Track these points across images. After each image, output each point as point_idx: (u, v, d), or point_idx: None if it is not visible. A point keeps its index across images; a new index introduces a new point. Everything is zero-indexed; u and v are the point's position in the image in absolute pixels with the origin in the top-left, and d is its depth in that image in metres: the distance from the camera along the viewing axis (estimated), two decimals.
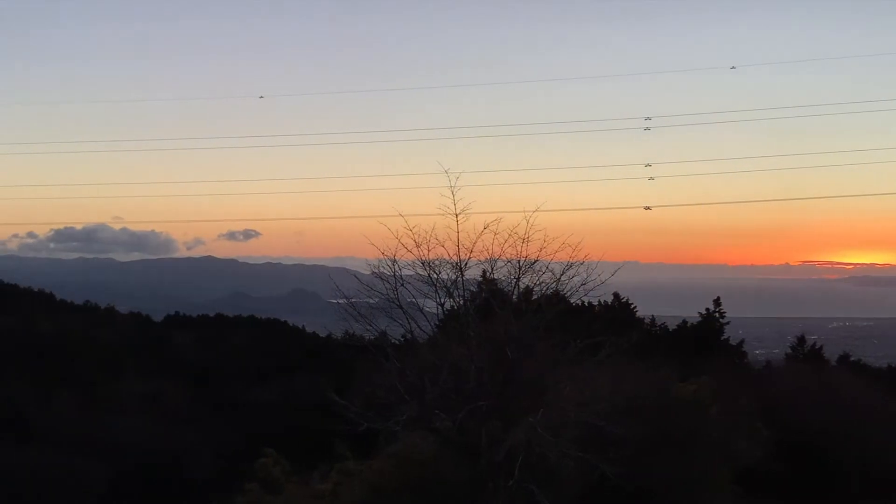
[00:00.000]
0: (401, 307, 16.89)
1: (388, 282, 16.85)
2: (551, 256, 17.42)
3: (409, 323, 17.01)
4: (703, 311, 54.53)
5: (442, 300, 17.27)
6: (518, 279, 17.23)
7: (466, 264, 17.04)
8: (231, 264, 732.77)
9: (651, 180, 62.65)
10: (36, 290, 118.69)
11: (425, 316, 17.50)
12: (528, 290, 18.01)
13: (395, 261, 16.65)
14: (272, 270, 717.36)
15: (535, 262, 17.30)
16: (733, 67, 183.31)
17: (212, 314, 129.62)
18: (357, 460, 18.81)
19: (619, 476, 16.69)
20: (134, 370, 74.24)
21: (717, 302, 54.15)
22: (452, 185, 16.72)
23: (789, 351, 58.39)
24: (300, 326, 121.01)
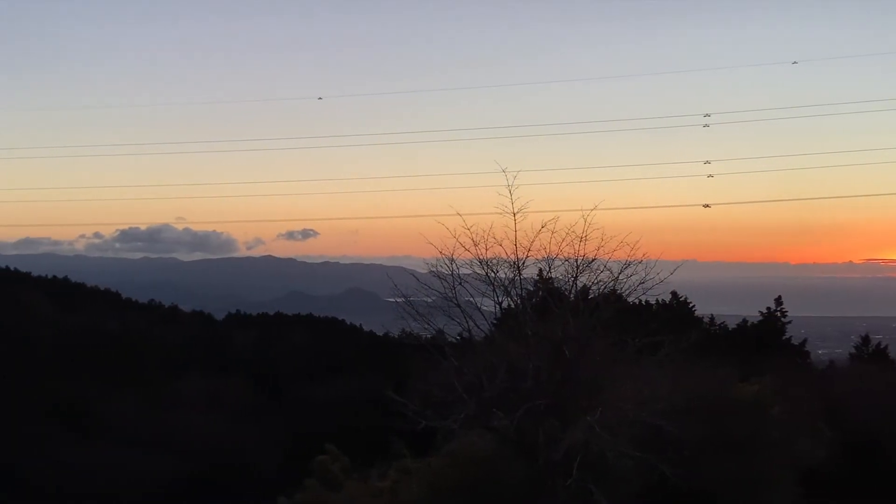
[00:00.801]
0: (458, 306, 16.87)
1: (445, 280, 16.85)
2: (609, 255, 17.28)
3: (466, 321, 16.97)
4: (764, 310, 53.57)
5: (500, 299, 17.21)
6: (576, 278, 17.09)
7: (524, 263, 16.95)
8: (289, 263, 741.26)
9: (710, 178, 61.64)
10: (102, 289, 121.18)
11: (483, 314, 17.45)
12: (585, 289, 17.86)
13: (452, 260, 16.63)
14: (330, 269, 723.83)
15: (593, 260, 17.16)
16: (795, 62, 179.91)
17: (271, 313, 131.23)
18: (414, 458, 18.85)
19: (678, 476, 16.45)
20: (196, 368, 75.56)
21: (778, 301, 53.14)
22: (510, 184, 16.65)
23: (853, 351, 56.98)
24: (357, 325, 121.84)
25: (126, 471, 48.53)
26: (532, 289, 18.59)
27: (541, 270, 18.37)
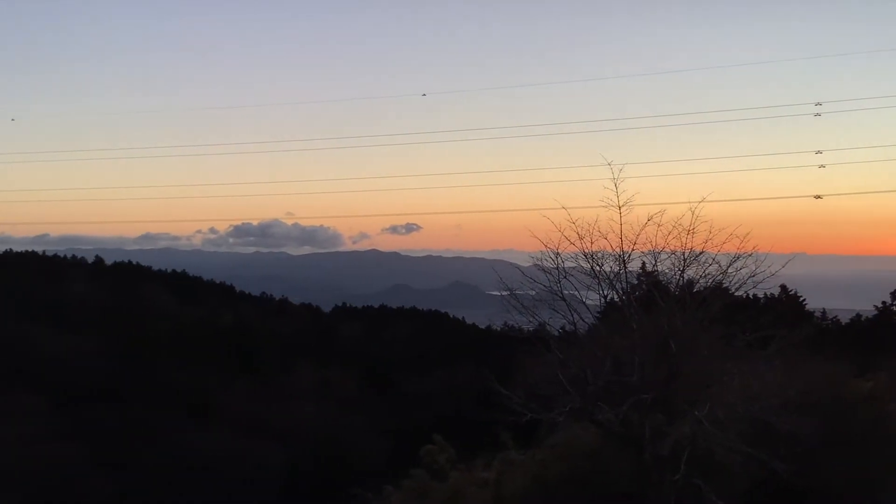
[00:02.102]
0: (563, 299, 16.70)
1: (550, 274, 16.70)
2: (718, 248, 16.76)
3: (571, 315, 16.79)
4: (879, 305, 51.24)
5: (604, 292, 16.96)
6: (683, 271, 16.68)
7: (629, 256, 16.66)
8: (393, 257, 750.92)
9: (822, 168, 59.23)
10: (217, 282, 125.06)
11: (588, 308, 17.23)
12: (691, 282, 17.41)
13: (558, 254, 16.47)
14: (433, 263, 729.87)
15: (701, 253, 16.70)
16: None
17: (375, 306, 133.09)
18: (518, 450, 18.79)
19: (789, 474, 15.89)
20: (306, 359, 77.32)
21: (894, 295, 50.78)
22: (615, 177, 16.35)
23: None
24: (460, 318, 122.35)
25: (242, 458, 50.05)
26: (636, 282, 18.24)
27: (643, 263, 18.00)
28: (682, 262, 16.66)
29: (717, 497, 14.54)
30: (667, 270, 17.19)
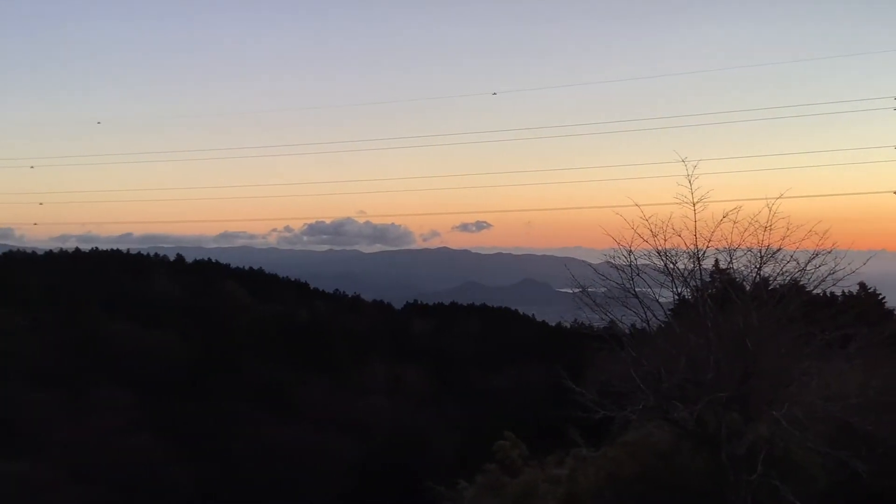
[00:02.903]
0: (636, 296, 16.47)
1: (623, 271, 16.49)
2: (795, 245, 16.29)
3: (644, 312, 16.55)
4: None
5: (678, 290, 16.67)
6: (759, 268, 16.28)
7: (704, 254, 16.34)
8: (464, 255, 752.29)
9: None
10: (292, 280, 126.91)
11: (661, 305, 16.97)
12: (766, 280, 16.98)
13: (630, 251, 16.26)
14: (503, 260, 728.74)
15: (778, 250, 16.27)
16: None
17: (446, 303, 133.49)
18: (589, 447, 18.64)
19: (869, 474, 15.39)
20: (378, 355, 78.06)
21: None
22: (690, 173, 16.04)
23: None
24: (530, 315, 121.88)
25: (318, 451, 50.80)
26: (709, 279, 17.89)
27: (717, 261, 17.63)
28: (759, 260, 16.26)
29: (795, 497, 14.17)
30: (742, 268, 16.80)
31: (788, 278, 16.66)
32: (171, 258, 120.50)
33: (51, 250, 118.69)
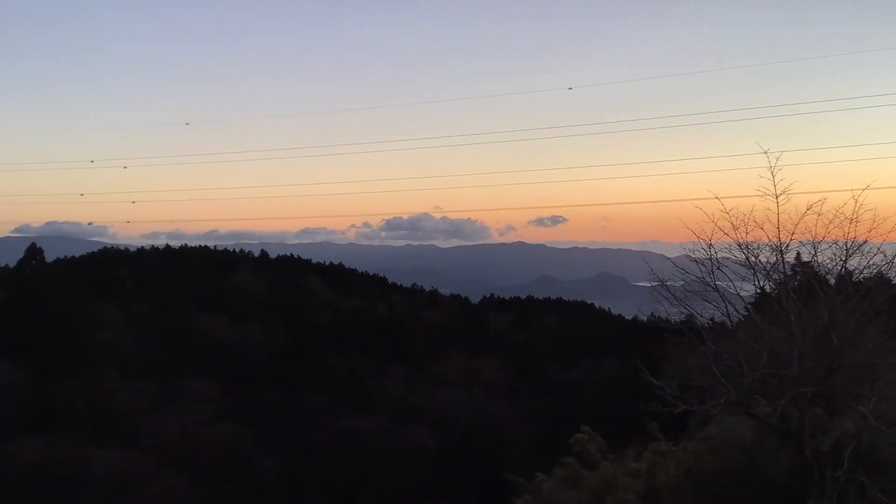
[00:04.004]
0: (716, 290, 16.01)
1: (703, 265, 16.05)
2: (882, 238, 15.59)
3: (725, 306, 16.09)
4: None
5: (760, 283, 16.16)
6: (844, 262, 15.64)
7: (787, 247, 15.77)
8: (539, 249, 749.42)
9: None
10: (371, 274, 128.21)
11: (742, 299, 16.47)
12: (851, 273, 16.31)
13: (710, 244, 15.80)
14: (578, 254, 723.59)
15: (864, 243, 15.58)
16: None
17: (522, 297, 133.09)
18: (667, 442, 18.22)
19: None
20: (456, 348, 78.31)
21: None
22: (772, 165, 15.48)
23: None
24: (606, 309, 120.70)
25: (397, 441, 51.19)
26: (791, 272, 17.29)
27: (798, 254, 17.00)
28: (844, 253, 15.62)
29: (884, 495, 13.58)
30: (827, 261, 16.16)
31: (875, 271, 16.00)
32: (256, 254, 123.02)
33: (142, 247, 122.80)
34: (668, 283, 17.16)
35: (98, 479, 40.29)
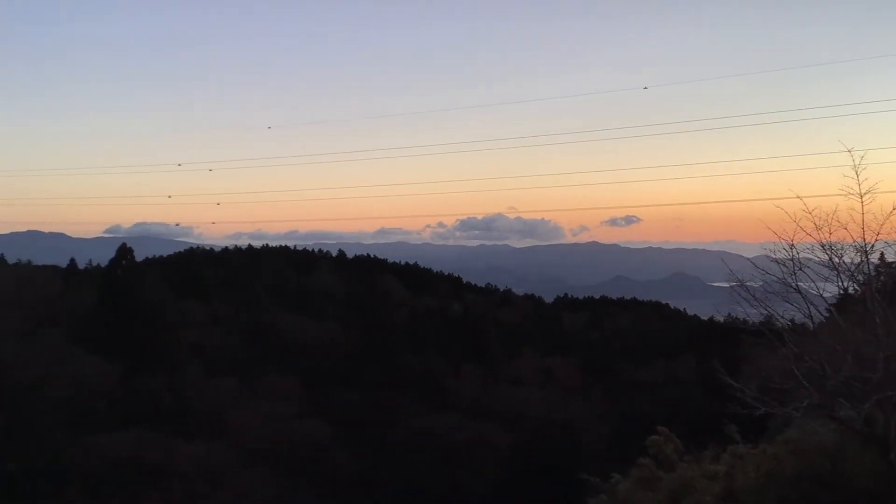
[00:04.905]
0: (798, 291, 15.53)
1: (784, 265, 15.59)
2: None
3: (808, 307, 15.59)
4: None
5: (844, 284, 15.62)
6: None
7: (872, 247, 15.21)
8: (613, 249, 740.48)
9: None
10: (446, 274, 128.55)
11: (825, 300, 15.95)
12: None
13: (792, 245, 15.34)
14: (652, 254, 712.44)
15: None
16: None
17: (596, 297, 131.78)
18: (745, 444, 17.78)
19: None
20: (530, 347, 78.03)
21: None
22: (856, 164, 14.94)
23: None
24: (681, 309, 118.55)
25: (472, 439, 51.25)
26: (875, 273, 16.67)
27: (882, 254, 16.37)
28: None
29: None
30: None
31: None
32: (334, 254, 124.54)
33: (226, 247, 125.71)
34: (747, 284, 16.75)
35: (184, 472, 41.34)
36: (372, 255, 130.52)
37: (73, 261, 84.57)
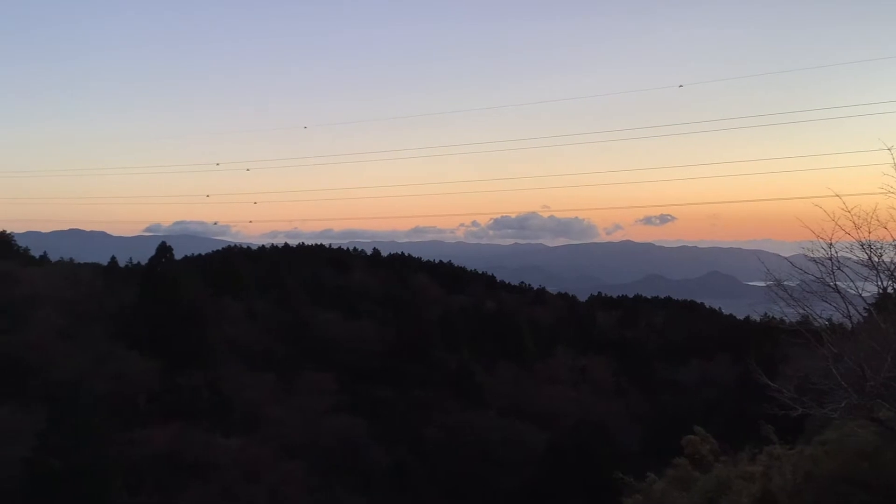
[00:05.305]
0: (837, 290, 15.30)
1: (822, 264, 15.34)
2: None
3: (847, 307, 15.36)
4: None
5: (883, 283, 15.35)
6: None
7: None
8: (647, 248, 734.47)
9: None
10: (479, 272, 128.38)
11: (864, 300, 15.68)
12: None
13: (831, 244, 15.09)
14: (687, 253, 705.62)
15: None
16: None
17: (630, 295, 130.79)
18: (782, 445, 17.55)
19: None
20: (563, 345, 77.71)
21: None
22: None
23: None
24: (716, 308, 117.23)
25: (506, 436, 51.25)
26: None
27: None
28: None
29: None
30: None
31: None
32: (368, 252, 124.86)
33: (263, 245, 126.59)
34: (784, 283, 16.51)
35: (222, 466, 41.84)
36: (406, 254, 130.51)
37: (113, 259, 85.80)
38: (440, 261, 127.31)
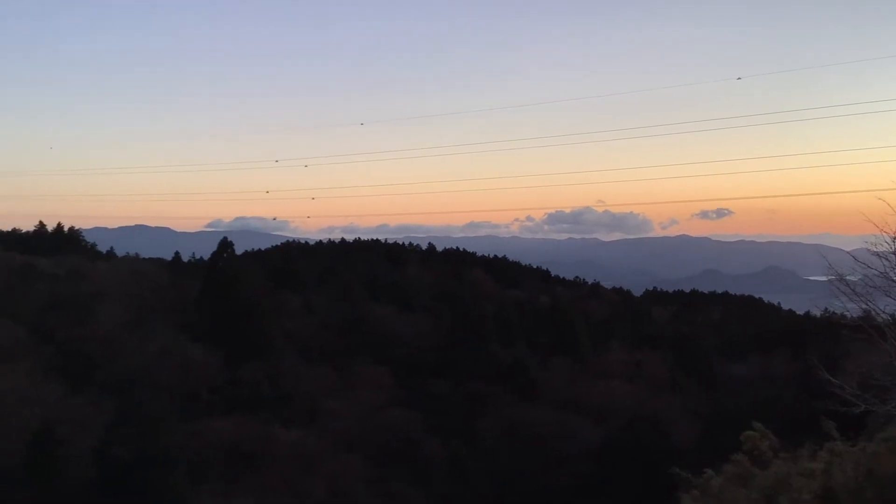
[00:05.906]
0: None
1: (886, 259, 14.94)
2: None
3: None
4: None
5: None
6: None
7: None
8: (704, 242, 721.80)
9: None
10: (534, 267, 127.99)
11: None
12: None
13: (895, 238, 14.68)
14: (745, 248, 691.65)
15: None
16: None
17: (686, 290, 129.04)
18: (844, 442, 17.12)
19: None
20: (618, 341, 76.98)
21: None
22: None
23: None
24: (775, 303, 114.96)
25: (561, 431, 50.98)
26: None
27: None
28: None
29: None
30: None
31: None
32: (423, 247, 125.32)
33: (320, 240, 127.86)
34: (846, 278, 16.10)
35: (281, 457, 42.49)
36: (461, 249, 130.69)
37: (177, 254, 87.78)
38: (495, 255, 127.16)
